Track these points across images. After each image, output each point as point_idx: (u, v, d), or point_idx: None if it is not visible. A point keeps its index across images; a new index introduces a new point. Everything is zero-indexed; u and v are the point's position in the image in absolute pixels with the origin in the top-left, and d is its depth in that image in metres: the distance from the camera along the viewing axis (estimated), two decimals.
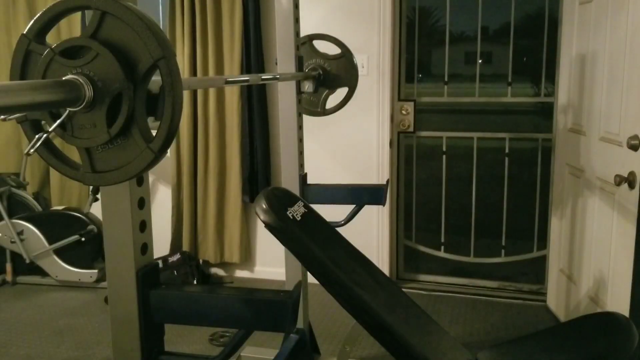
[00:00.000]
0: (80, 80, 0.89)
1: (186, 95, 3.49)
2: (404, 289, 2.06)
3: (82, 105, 0.89)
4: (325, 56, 2.38)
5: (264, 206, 1.71)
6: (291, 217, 1.65)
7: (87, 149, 0.95)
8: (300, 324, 2.38)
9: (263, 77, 1.93)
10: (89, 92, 0.89)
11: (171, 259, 3.52)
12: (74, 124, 0.93)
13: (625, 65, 2.18)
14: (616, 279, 2.29)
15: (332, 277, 1.63)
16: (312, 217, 1.69)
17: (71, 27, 3.71)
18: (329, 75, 2.37)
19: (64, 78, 0.89)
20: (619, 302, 2.25)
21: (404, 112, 3.47)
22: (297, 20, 2.23)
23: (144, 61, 0.89)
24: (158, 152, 0.94)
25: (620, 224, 2.24)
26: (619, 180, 2.12)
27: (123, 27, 0.89)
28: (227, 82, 1.64)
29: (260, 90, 3.46)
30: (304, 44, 2.37)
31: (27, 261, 3.55)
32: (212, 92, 3.48)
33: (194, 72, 3.50)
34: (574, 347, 1.54)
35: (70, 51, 0.92)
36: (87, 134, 0.93)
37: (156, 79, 0.92)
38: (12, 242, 3.54)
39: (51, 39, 0.94)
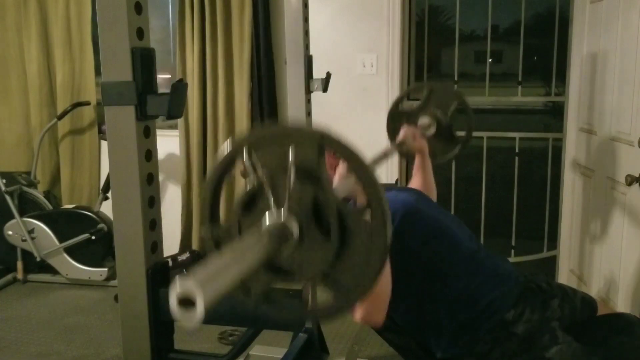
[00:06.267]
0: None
1: (196, 93, 3.50)
2: None
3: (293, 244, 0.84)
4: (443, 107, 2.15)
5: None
6: None
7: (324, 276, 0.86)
8: (309, 323, 2.38)
9: None
10: (295, 229, 0.84)
11: (181, 258, 3.53)
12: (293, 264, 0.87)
13: (636, 65, 2.16)
14: (627, 279, 2.27)
15: None
16: None
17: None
18: (442, 128, 2.16)
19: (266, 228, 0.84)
20: (629, 303, 2.23)
21: None
22: (306, 19, 2.23)
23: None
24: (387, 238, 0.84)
25: (631, 224, 2.23)
26: (630, 180, 2.10)
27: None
28: None
29: (269, 90, 3.46)
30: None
31: (38, 259, 3.57)
32: (221, 91, 3.48)
33: (203, 71, 3.50)
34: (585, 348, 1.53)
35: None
36: (310, 263, 0.86)
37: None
38: (23, 241, 3.57)
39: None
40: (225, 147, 0.93)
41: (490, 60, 3.40)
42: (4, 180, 3.58)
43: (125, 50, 1.18)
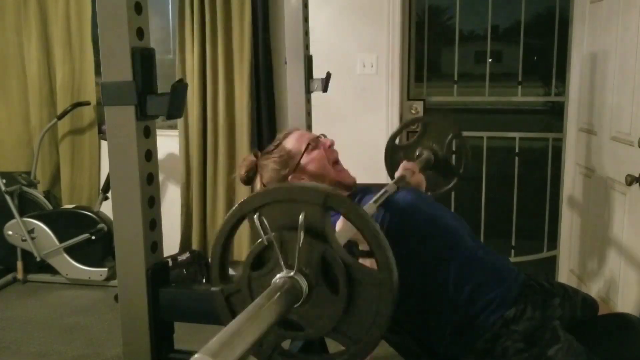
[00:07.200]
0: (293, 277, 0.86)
1: (196, 93, 3.50)
2: None
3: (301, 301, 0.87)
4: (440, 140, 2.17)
5: None
6: None
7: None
8: None
9: None
10: (304, 286, 0.86)
11: (180, 258, 3.53)
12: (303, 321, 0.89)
13: (636, 65, 2.16)
14: (627, 279, 2.27)
15: None
16: None
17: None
18: (439, 161, 2.18)
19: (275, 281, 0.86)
20: (630, 303, 2.23)
21: (413, 111, 3.46)
22: (306, 19, 2.23)
23: None
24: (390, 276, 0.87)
25: (631, 224, 2.23)
26: (630, 180, 2.10)
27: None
28: None
29: (268, 90, 3.46)
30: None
31: (38, 259, 3.57)
32: (221, 91, 3.48)
33: (203, 72, 3.50)
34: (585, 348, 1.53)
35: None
36: (320, 318, 0.89)
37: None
38: (23, 240, 3.57)
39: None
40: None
41: (490, 60, 3.40)
42: (4, 180, 3.59)
43: (125, 50, 1.18)
